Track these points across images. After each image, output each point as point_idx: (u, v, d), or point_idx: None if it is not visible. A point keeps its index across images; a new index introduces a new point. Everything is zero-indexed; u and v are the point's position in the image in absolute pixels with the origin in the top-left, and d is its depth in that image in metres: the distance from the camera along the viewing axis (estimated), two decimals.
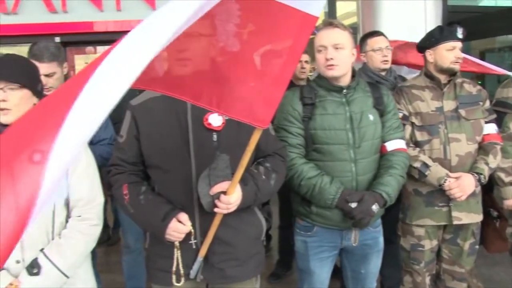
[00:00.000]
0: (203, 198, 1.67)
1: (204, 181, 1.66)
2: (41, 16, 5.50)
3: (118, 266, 3.16)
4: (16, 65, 1.78)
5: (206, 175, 1.66)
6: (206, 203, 1.68)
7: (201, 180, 1.67)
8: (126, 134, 1.86)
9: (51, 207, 1.74)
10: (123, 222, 3.18)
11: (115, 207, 3.70)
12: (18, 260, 1.71)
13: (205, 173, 1.67)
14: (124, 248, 3.21)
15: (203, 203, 1.68)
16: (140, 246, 3.15)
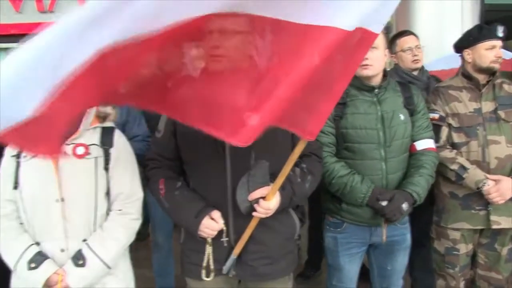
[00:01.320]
0: (242, 203, 1.72)
1: (243, 187, 1.71)
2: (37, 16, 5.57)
3: (147, 261, 3.22)
4: None
5: (245, 181, 1.71)
6: (244, 208, 1.72)
7: (240, 186, 1.72)
8: (163, 129, 1.92)
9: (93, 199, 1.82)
10: (153, 221, 3.22)
11: (145, 204, 3.74)
12: (63, 249, 1.80)
13: (244, 179, 1.71)
14: (153, 246, 3.26)
15: (241, 208, 1.73)
16: (169, 244, 3.21)
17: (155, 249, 3.25)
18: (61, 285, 1.75)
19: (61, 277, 1.76)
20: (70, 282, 1.76)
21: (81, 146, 1.82)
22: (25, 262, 1.76)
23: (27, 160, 1.81)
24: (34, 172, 1.80)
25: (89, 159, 1.82)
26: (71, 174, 1.79)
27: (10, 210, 1.84)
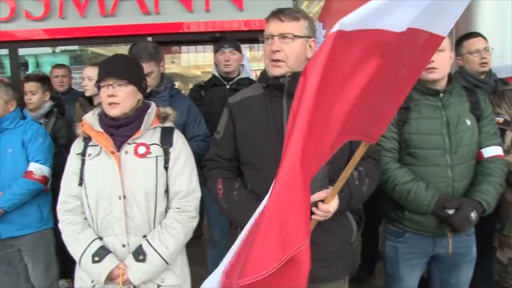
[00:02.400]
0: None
1: None
2: (136, 17, 5.80)
3: (200, 259, 3.26)
4: (124, 63, 1.94)
5: None
6: None
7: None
8: (223, 130, 1.94)
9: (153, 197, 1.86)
10: (210, 218, 3.28)
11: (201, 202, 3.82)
12: (124, 244, 1.86)
13: None
14: (210, 243, 3.31)
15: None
16: (225, 241, 3.26)
17: (211, 246, 3.31)
18: (122, 279, 1.81)
19: (122, 271, 1.82)
20: (130, 276, 1.82)
21: (142, 146, 1.88)
22: (89, 256, 1.83)
23: (91, 159, 1.89)
24: (98, 170, 1.87)
25: (150, 158, 1.87)
26: (133, 172, 1.85)
27: (75, 206, 1.93)
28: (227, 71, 3.29)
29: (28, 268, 2.80)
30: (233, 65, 3.29)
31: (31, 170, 2.66)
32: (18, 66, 6.43)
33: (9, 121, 2.72)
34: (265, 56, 1.83)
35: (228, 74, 3.31)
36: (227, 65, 3.28)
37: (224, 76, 3.32)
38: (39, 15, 5.94)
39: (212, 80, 3.39)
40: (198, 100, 3.27)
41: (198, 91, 3.39)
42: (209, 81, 3.43)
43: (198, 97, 3.33)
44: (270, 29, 1.80)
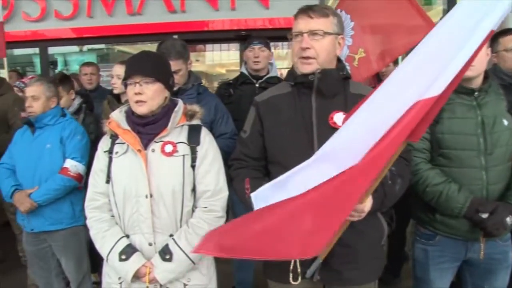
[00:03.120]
0: None
1: None
2: (162, 16, 5.85)
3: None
4: (151, 60, 1.92)
5: None
6: None
7: None
8: (250, 129, 1.92)
9: (180, 196, 1.85)
10: (234, 216, 3.25)
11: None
12: (151, 243, 1.85)
13: None
14: None
15: None
16: None
17: None
18: (149, 278, 1.81)
19: (149, 270, 1.81)
20: (157, 275, 1.81)
21: (169, 144, 1.86)
22: (117, 254, 1.83)
23: (119, 156, 1.88)
24: (125, 168, 1.86)
25: (177, 157, 1.86)
26: (160, 171, 1.83)
27: (103, 203, 1.93)
28: (257, 68, 3.26)
29: (61, 262, 2.84)
30: (263, 62, 3.25)
31: (66, 167, 2.69)
32: (48, 65, 6.56)
33: (50, 117, 2.76)
34: (294, 54, 1.80)
35: (257, 71, 3.28)
36: (256, 62, 3.24)
37: (253, 74, 3.29)
38: (68, 14, 6.04)
39: (240, 78, 3.36)
40: (226, 98, 3.25)
41: (227, 89, 3.35)
42: (238, 79, 3.39)
43: (226, 95, 3.30)
44: (299, 26, 1.77)
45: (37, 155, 2.70)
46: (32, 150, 2.71)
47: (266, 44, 3.28)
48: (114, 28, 5.97)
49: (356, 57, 3.17)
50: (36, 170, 2.68)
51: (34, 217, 2.70)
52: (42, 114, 2.74)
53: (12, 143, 2.83)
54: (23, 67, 7.07)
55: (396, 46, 3.19)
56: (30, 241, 2.81)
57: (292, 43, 1.82)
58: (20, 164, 2.74)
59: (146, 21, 5.91)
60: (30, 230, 2.76)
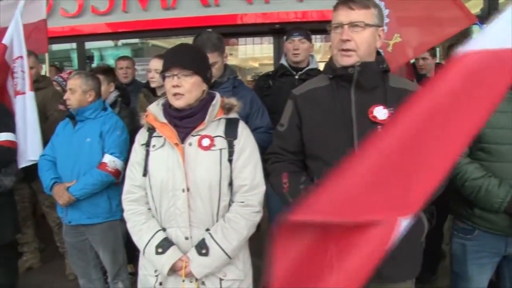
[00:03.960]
0: None
1: None
2: (196, 10, 5.87)
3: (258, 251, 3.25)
4: (189, 53, 1.92)
5: None
6: None
7: None
8: (287, 123, 1.89)
9: (217, 190, 1.83)
10: (271, 211, 3.24)
11: None
12: (187, 237, 1.85)
13: None
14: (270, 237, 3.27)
15: None
16: None
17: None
18: (185, 272, 1.81)
19: (185, 263, 1.81)
20: (193, 269, 1.81)
21: (207, 138, 1.85)
22: (153, 247, 1.84)
23: (156, 150, 1.89)
24: (162, 161, 1.86)
25: (214, 151, 1.85)
26: (197, 165, 1.83)
27: (140, 196, 1.94)
28: (296, 60, 3.22)
29: (99, 254, 2.90)
30: (302, 54, 3.21)
31: (105, 162, 2.72)
32: (85, 59, 6.69)
33: (91, 111, 2.79)
34: (334, 46, 1.77)
35: (297, 63, 3.24)
36: (296, 54, 3.20)
37: (293, 66, 3.25)
38: (104, 9, 6.14)
39: (280, 70, 3.33)
40: (265, 90, 3.25)
41: (266, 81, 3.34)
42: (277, 71, 3.36)
43: (265, 87, 3.29)
44: (339, 18, 1.73)
45: (77, 148, 2.74)
46: (72, 143, 2.76)
47: (306, 36, 3.24)
48: (149, 23, 6.03)
49: (391, 43, 3.10)
50: (75, 163, 2.73)
51: (72, 210, 2.75)
52: (83, 107, 2.77)
53: (54, 135, 2.89)
54: (60, 62, 7.25)
55: (433, 37, 3.11)
56: (69, 233, 2.88)
57: (331, 35, 1.79)
58: (60, 156, 2.79)
59: (180, 15, 5.94)
60: (68, 223, 2.81)
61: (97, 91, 2.87)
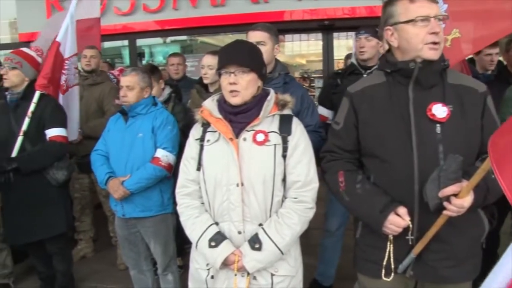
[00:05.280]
0: (431, 200, 1.58)
1: (433, 183, 1.57)
2: (245, 7, 5.90)
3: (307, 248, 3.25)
4: (245, 50, 1.91)
5: (436, 176, 1.56)
6: (433, 205, 1.59)
7: (430, 181, 1.58)
8: (343, 121, 1.86)
9: (270, 186, 1.83)
10: (328, 208, 3.24)
11: None
12: (240, 231, 1.86)
13: (435, 174, 1.57)
14: (325, 232, 3.29)
15: (429, 205, 1.59)
16: (341, 232, 3.23)
17: (326, 236, 3.30)
18: (237, 266, 1.82)
19: (238, 258, 1.82)
20: (246, 264, 1.81)
21: (261, 133, 1.85)
22: (206, 240, 1.85)
23: (210, 144, 1.90)
24: (216, 156, 1.88)
25: (268, 146, 1.84)
26: (251, 160, 1.83)
27: (194, 190, 1.96)
28: (362, 58, 3.19)
29: (150, 246, 2.96)
30: (369, 52, 3.16)
31: (158, 156, 2.76)
32: (136, 56, 6.88)
33: (142, 106, 2.84)
34: (419, 39, 1.66)
35: (364, 62, 3.20)
36: (362, 52, 3.17)
37: (362, 64, 3.22)
38: (155, 7, 6.27)
39: (349, 68, 3.32)
40: (334, 88, 3.25)
41: (335, 79, 3.33)
42: (346, 69, 3.35)
43: (334, 85, 3.29)
44: (423, 10, 1.65)
45: (129, 143, 2.79)
46: (124, 138, 2.82)
47: (373, 33, 3.17)
48: (198, 20, 6.12)
49: (449, 38, 2.99)
50: (128, 158, 2.79)
51: (126, 203, 2.81)
52: (135, 103, 2.83)
53: (105, 130, 2.97)
54: (112, 59, 7.47)
55: (492, 31, 2.98)
56: (121, 225, 2.95)
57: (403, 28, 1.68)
58: (113, 151, 2.86)
59: (229, 12, 5.99)
60: (122, 216, 2.88)
61: (151, 87, 2.94)
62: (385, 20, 1.76)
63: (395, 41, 1.73)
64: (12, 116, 3.20)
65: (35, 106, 3.18)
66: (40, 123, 3.17)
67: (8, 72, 3.16)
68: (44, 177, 3.15)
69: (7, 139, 3.16)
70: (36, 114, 3.17)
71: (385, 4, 1.77)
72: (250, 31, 2.64)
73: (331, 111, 3.30)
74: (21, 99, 3.20)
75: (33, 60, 3.34)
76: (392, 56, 1.79)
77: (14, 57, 3.22)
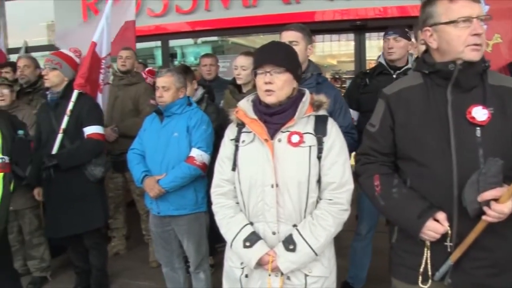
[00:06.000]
0: (470, 204, 1.55)
1: (472, 187, 1.53)
2: (277, 7, 5.89)
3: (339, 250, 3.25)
4: (282, 51, 1.93)
5: (475, 180, 1.53)
6: (472, 210, 1.55)
7: (469, 185, 1.55)
8: (379, 123, 1.83)
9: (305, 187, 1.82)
10: (360, 211, 3.22)
11: None
12: (274, 232, 1.86)
13: (474, 178, 1.53)
14: (355, 235, 3.27)
15: (468, 210, 1.56)
16: (371, 235, 3.21)
17: (357, 239, 3.28)
18: (271, 266, 1.82)
19: (272, 258, 1.82)
20: (280, 264, 1.81)
21: (296, 135, 1.85)
22: (241, 240, 1.87)
23: (245, 145, 1.91)
24: (251, 157, 1.89)
25: (303, 148, 1.84)
26: (286, 161, 1.83)
27: (228, 190, 1.98)
28: (391, 58, 3.15)
29: (183, 244, 3.00)
30: (397, 52, 3.12)
31: (193, 156, 2.80)
32: (168, 57, 6.97)
33: (178, 106, 2.89)
34: (460, 41, 1.61)
35: (393, 62, 3.16)
36: (390, 53, 3.13)
37: (391, 64, 3.18)
38: (188, 9, 6.35)
39: (378, 68, 3.27)
40: (362, 88, 3.22)
41: (363, 79, 3.30)
42: (375, 69, 3.31)
43: (362, 85, 3.26)
44: (466, 10, 1.60)
45: (165, 142, 2.84)
46: (160, 137, 2.87)
47: (402, 34, 3.13)
48: (230, 21, 6.15)
49: (491, 43, 2.92)
50: (164, 157, 2.83)
51: (161, 201, 2.86)
52: (171, 103, 2.87)
53: (141, 130, 3.03)
54: (144, 59, 7.59)
55: None
56: (155, 223, 2.99)
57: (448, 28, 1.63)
58: (149, 150, 2.91)
59: (260, 13, 5.99)
60: (157, 214, 2.93)
61: (186, 88, 2.98)
62: (424, 21, 1.71)
63: (434, 42, 1.69)
64: (53, 114, 3.33)
65: (73, 105, 3.29)
66: (78, 121, 3.28)
67: (48, 72, 3.29)
68: (83, 173, 3.26)
69: (48, 137, 3.30)
70: (75, 113, 3.29)
71: (423, 4, 1.72)
72: (284, 31, 2.65)
73: (357, 112, 3.28)
74: (61, 98, 3.32)
75: (71, 60, 3.46)
76: (430, 57, 1.75)
77: (54, 58, 3.35)
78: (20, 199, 3.52)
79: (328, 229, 1.84)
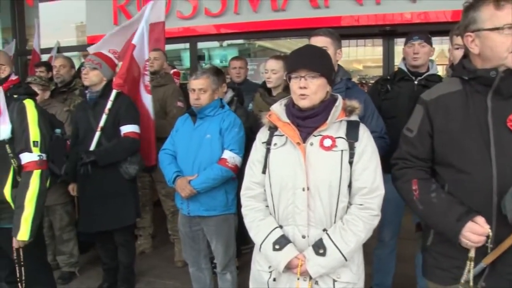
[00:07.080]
0: (510, 212, 1.53)
1: None
2: (306, 11, 5.88)
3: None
4: (316, 55, 1.94)
5: None
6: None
7: (510, 193, 1.53)
8: (417, 129, 1.83)
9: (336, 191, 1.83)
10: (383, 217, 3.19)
11: None
12: (304, 236, 1.87)
13: None
14: (378, 242, 3.25)
15: (508, 217, 1.54)
16: (394, 242, 3.18)
17: (380, 246, 3.26)
18: (300, 270, 1.83)
19: (301, 262, 1.83)
20: (309, 268, 1.82)
21: (328, 138, 1.86)
22: (270, 243, 1.88)
23: (277, 148, 1.93)
24: (282, 160, 1.90)
25: (335, 152, 1.85)
26: (317, 165, 1.84)
27: (259, 193, 2.00)
28: (415, 64, 3.11)
29: (211, 245, 3.04)
30: (422, 58, 3.09)
31: (225, 157, 2.84)
32: (196, 59, 7.04)
33: (211, 108, 2.93)
34: (504, 48, 1.59)
35: (416, 68, 3.13)
36: (415, 58, 3.09)
37: (412, 70, 3.16)
38: (217, 11, 6.40)
39: (398, 74, 3.24)
40: (383, 94, 3.18)
41: (383, 85, 3.26)
42: (395, 75, 3.28)
43: (383, 91, 3.22)
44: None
45: (197, 144, 2.88)
46: (192, 139, 2.91)
47: (427, 39, 3.11)
48: (258, 24, 6.16)
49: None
50: (196, 158, 2.87)
51: (192, 202, 2.90)
52: (206, 105, 2.91)
53: (173, 130, 3.08)
54: (171, 61, 7.69)
55: None
56: (185, 223, 3.03)
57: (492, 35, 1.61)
58: (181, 151, 2.95)
59: (289, 16, 5.99)
60: (187, 214, 2.97)
61: (219, 90, 3.02)
62: (466, 26, 1.69)
63: (475, 48, 1.67)
64: (91, 113, 3.43)
65: (111, 104, 3.39)
66: (116, 119, 3.37)
67: (89, 72, 3.40)
68: (118, 170, 3.34)
69: (85, 134, 3.40)
70: (112, 111, 3.38)
71: (466, 9, 1.69)
72: (313, 36, 2.66)
73: None
74: (100, 97, 3.42)
75: (111, 61, 3.57)
76: (470, 63, 1.73)
77: (95, 59, 3.46)
78: (52, 195, 3.60)
79: (359, 234, 1.84)
